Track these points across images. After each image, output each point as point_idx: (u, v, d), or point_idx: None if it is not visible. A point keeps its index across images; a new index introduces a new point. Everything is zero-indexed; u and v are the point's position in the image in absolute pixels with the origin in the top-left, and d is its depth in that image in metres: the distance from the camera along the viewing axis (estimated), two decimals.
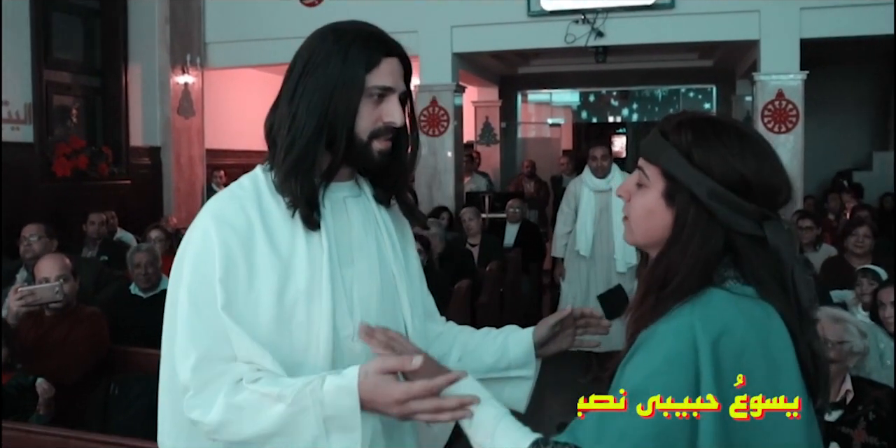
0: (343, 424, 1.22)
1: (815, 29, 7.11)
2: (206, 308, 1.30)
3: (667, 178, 1.16)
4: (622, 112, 16.84)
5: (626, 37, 7.64)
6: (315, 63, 1.34)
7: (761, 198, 1.13)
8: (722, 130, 1.15)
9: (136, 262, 4.26)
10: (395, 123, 1.37)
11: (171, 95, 8.28)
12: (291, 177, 1.33)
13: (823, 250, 5.61)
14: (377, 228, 1.47)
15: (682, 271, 1.13)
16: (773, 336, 1.10)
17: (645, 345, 1.11)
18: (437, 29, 7.79)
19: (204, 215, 1.38)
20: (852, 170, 9.98)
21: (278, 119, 1.38)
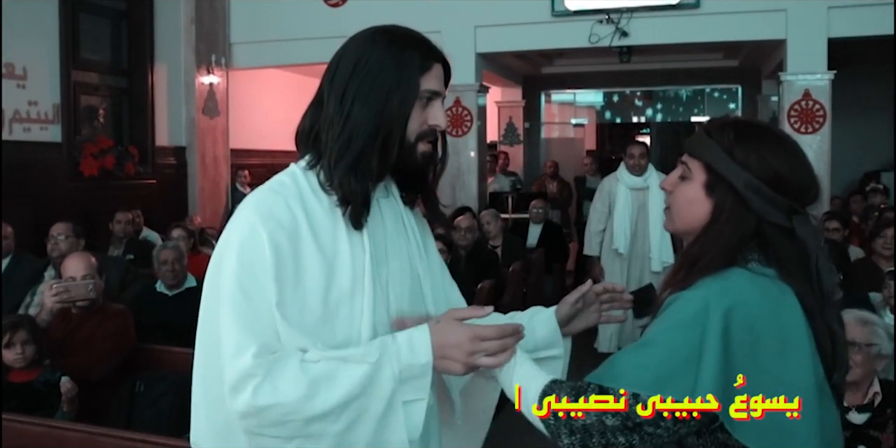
0: (415, 373, 1.29)
1: (842, 28, 7.02)
2: (259, 301, 1.29)
3: (709, 171, 1.31)
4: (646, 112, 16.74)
5: (651, 37, 7.59)
6: (367, 65, 1.37)
7: (792, 193, 1.27)
8: (761, 132, 1.32)
9: (163, 259, 4.30)
10: (440, 126, 1.43)
11: (197, 95, 8.36)
12: (351, 176, 1.35)
13: (851, 252, 5.55)
14: (405, 229, 1.50)
15: (713, 251, 1.27)
16: (786, 310, 1.22)
17: (667, 308, 1.26)
18: (460, 29, 7.79)
19: (247, 209, 1.36)
20: (880, 171, 9.85)
21: (325, 119, 1.39)
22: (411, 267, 1.48)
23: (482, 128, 8.30)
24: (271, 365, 1.25)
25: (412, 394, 1.29)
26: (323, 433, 1.26)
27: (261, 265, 1.29)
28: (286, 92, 10.12)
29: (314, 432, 1.26)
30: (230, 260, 1.32)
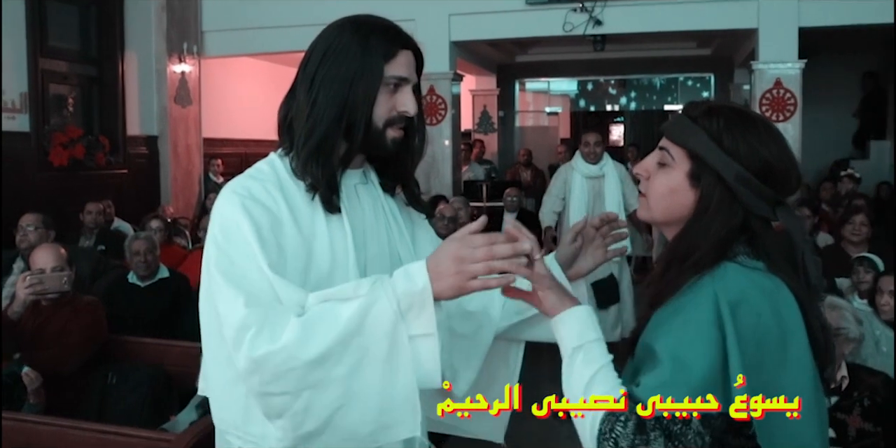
0: (415, 301, 1.23)
1: (813, 17, 7.09)
2: (246, 264, 1.29)
3: (693, 159, 1.23)
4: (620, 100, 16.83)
5: (624, 25, 7.61)
6: (334, 53, 1.39)
7: (777, 184, 1.22)
8: (749, 119, 1.23)
9: (135, 250, 4.26)
10: (408, 112, 1.43)
11: (168, 84, 8.26)
12: (312, 161, 1.38)
13: (820, 239, 5.63)
14: (385, 215, 1.51)
15: (704, 247, 1.21)
16: (783, 306, 1.17)
17: (675, 317, 1.18)
18: (434, 17, 7.77)
19: (227, 192, 1.38)
20: (849, 159, 9.97)
21: (296, 107, 1.42)
22: (391, 251, 1.49)
23: (456, 116, 8.29)
24: (266, 314, 1.24)
25: (418, 328, 1.24)
26: (327, 379, 1.22)
27: (241, 234, 1.31)
28: (260, 80, 10.04)
29: (318, 380, 1.22)
30: (213, 233, 1.35)
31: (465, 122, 10.65)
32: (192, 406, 3.35)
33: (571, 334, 1.24)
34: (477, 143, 10.76)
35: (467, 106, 11.03)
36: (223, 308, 1.28)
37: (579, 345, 1.22)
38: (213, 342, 1.39)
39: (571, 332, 1.24)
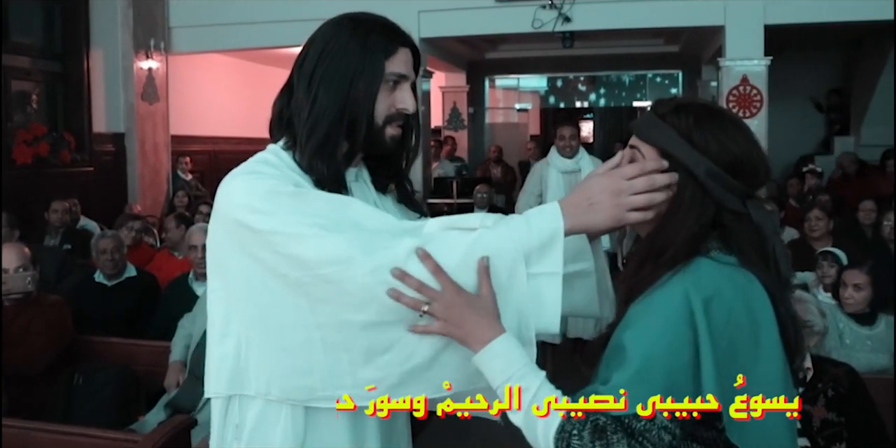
0: (545, 239, 1.24)
1: (778, 15, 7.18)
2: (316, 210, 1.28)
3: (664, 156, 1.24)
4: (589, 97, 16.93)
5: (593, 22, 7.66)
6: (334, 50, 1.38)
7: (746, 178, 1.23)
8: (716, 115, 1.25)
9: (102, 249, 4.21)
10: (407, 110, 1.43)
11: (135, 81, 8.15)
12: (317, 158, 1.37)
13: (786, 233, 5.71)
14: None
15: (678, 243, 1.21)
16: (755, 299, 1.18)
17: (644, 313, 1.18)
18: (403, 14, 7.71)
19: (242, 175, 1.36)
20: (814, 154, 10.12)
21: (294, 103, 1.41)
22: None
23: (426, 113, 8.29)
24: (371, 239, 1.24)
25: (543, 266, 1.24)
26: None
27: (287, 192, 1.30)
28: (230, 77, 9.96)
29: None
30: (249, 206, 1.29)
31: (435, 118, 10.66)
32: (161, 406, 3.32)
33: (494, 373, 1.20)
34: (449, 140, 10.77)
35: (437, 103, 11.04)
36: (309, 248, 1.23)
37: (506, 379, 1.19)
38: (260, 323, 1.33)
39: (494, 371, 1.20)
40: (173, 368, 3.42)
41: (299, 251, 1.24)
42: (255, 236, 1.29)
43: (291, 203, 1.28)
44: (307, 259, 1.24)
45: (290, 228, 1.25)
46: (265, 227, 1.27)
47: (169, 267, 4.87)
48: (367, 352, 1.27)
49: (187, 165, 8.77)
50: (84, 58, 7.78)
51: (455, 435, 3.67)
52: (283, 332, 1.30)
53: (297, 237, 1.25)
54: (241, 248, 1.32)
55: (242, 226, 1.30)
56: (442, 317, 1.21)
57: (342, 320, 1.26)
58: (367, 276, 1.21)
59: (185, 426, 2.54)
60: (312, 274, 1.24)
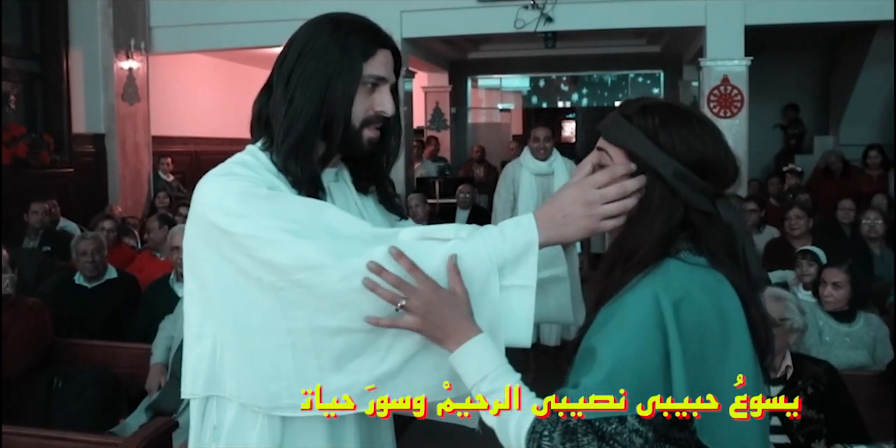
0: (519, 252, 1.25)
1: (759, 16, 7.23)
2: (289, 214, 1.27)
3: (632, 158, 1.23)
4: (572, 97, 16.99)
5: (575, 22, 7.68)
6: (312, 50, 1.37)
7: (715, 177, 1.22)
8: (683, 115, 1.24)
9: (82, 250, 4.17)
10: (385, 112, 1.42)
11: (115, 81, 8.09)
12: (291, 158, 1.37)
13: (767, 232, 5.75)
14: (358, 214, 1.50)
15: (647, 245, 1.20)
16: (725, 301, 1.18)
17: (614, 317, 1.17)
18: (386, 13, 7.73)
19: (217, 177, 1.36)
20: (794, 153, 10.19)
21: (272, 104, 1.40)
22: None
23: (408, 113, 8.29)
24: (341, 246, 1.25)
25: (515, 279, 1.25)
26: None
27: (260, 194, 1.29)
28: (211, 78, 9.90)
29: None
30: (223, 208, 1.29)
31: (418, 119, 10.65)
32: (142, 409, 3.30)
33: (470, 372, 1.21)
34: (431, 140, 10.76)
35: (419, 103, 11.02)
36: (283, 254, 1.23)
37: (481, 378, 1.20)
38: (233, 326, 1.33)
39: (469, 370, 1.21)
40: (154, 371, 3.40)
41: (272, 256, 1.24)
42: (228, 239, 1.28)
43: (265, 206, 1.28)
44: (280, 264, 1.24)
45: (263, 233, 1.25)
46: (238, 230, 1.27)
47: (151, 268, 4.84)
48: (338, 357, 1.27)
49: (168, 166, 8.72)
50: (63, 58, 7.72)
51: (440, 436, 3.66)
52: (255, 336, 1.30)
53: (271, 242, 1.24)
54: (215, 249, 1.31)
55: (216, 228, 1.29)
56: (419, 313, 1.21)
57: (314, 325, 1.26)
58: (340, 282, 1.22)
59: (166, 429, 2.52)
60: (285, 279, 1.24)
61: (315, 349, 1.27)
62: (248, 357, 1.31)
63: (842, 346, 3.38)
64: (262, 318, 1.29)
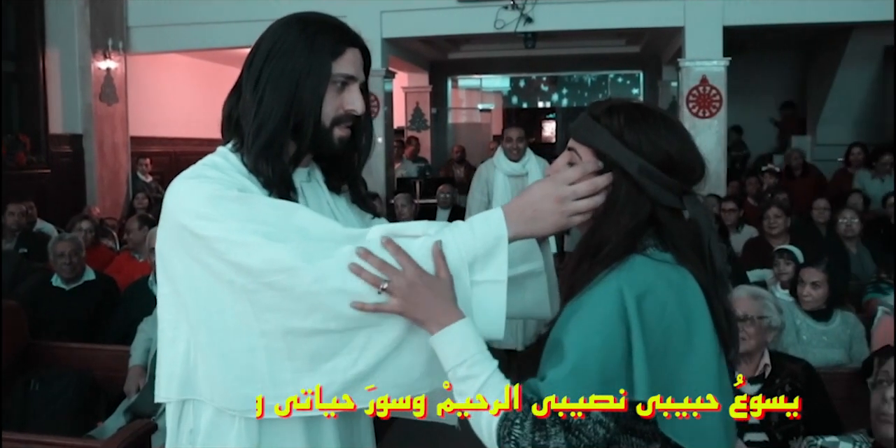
0: (490, 247, 1.26)
1: (737, 16, 7.30)
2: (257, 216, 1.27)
3: (599, 157, 1.26)
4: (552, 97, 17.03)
5: (555, 23, 7.71)
6: (281, 50, 1.37)
7: (681, 174, 1.25)
8: (648, 115, 1.27)
9: (59, 252, 4.13)
10: (356, 111, 1.41)
11: (93, 81, 8.04)
12: (262, 159, 1.36)
13: (745, 231, 5.80)
14: (331, 214, 1.50)
15: (614, 240, 1.23)
16: (689, 296, 1.21)
17: (579, 311, 1.20)
18: (366, 14, 7.72)
19: (188, 179, 1.35)
20: (772, 154, 10.29)
21: (242, 104, 1.40)
22: None
23: (389, 113, 8.28)
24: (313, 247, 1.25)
25: (486, 273, 1.27)
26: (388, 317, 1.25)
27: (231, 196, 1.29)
28: (189, 78, 9.84)
29: (380, 316, 1.24)
30: (195, 212, 1.29)
31: (398, 119, 10.64)
32: (121, 411, 3.27)
33: (449, 355, 1.23)
34: (412, 140, 10.76)
35: (400, 103, 11.02)
36: (253, 256, 1.23)
37: (459, 362, 1.22)
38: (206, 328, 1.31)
39: (449, 353, 1.23)
40: (133, 373, 3.37)
41: (244, 259, 1.24)
42: (199, 242, 1.28)
43: (235, 208, 1.28)
44: (252, 267, 1.24)
45: (234, 236, 1.25)
46: (209, 233, 1.26)
47: (130, 270, 4.81)
48: (312, 359, 1.27)
49: (147, 167, 8.66)
50: (40, 58, 7.66)
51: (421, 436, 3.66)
52: (227, 338, 1.30)
53: (242, 245, 1.24)
54: (186, 252, 1.31)
55: (187, 231, 1.29)
56: (401, 295, 1.23)
57: (287, 328, 1.26)
58: (312, 284, 1.22)
59: (145, 431, 2.50)
60: (257, 282, 1.24)
61: (289, 351, 1.27)
62: (222, 360, 1.31)
63: (819, 344, 3.41)
64: (234, 320, 1.28)
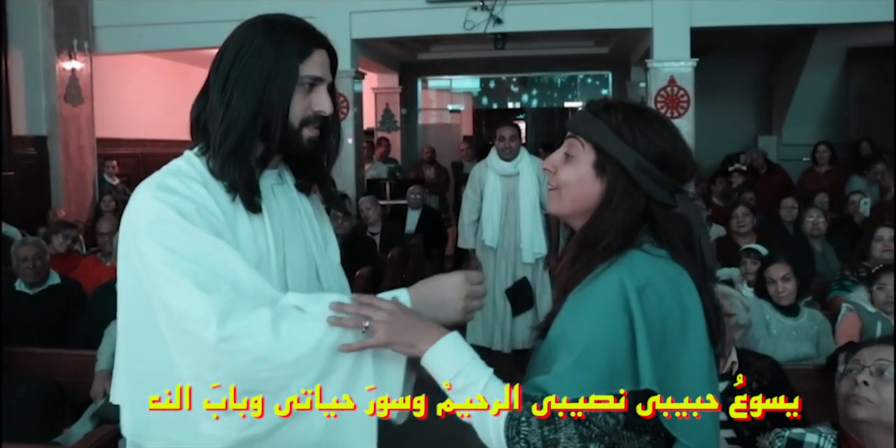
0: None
1: (704, 18, 7.37)
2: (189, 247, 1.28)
3: (597, 151, 1.32)
4: (522, 98, 17.07)
5: (524, 24, 7.73)
6: (247, 53, 1.38)
7: (673, 172, 1.31)
8: (644, 113, 1.35)
9: (22, 256, 4.06)
10: (324, 112, 1.43)
11: (58, 82, 7.92)
12: (229, 162, 1.37)
13: (713, 230, 5.85)
14: (301, 216, 1.52)
15: (611, 233, 1.28)
16: (684, 290, 1.25)
17: (582, 303, 1.24)
18: (335, 15, 7.68)
19: (147, 190, 1.35)
20: (739, 153, 10.40)
21: (209, 107, 1.40)
22: (307, 253, 1.51)
23: (359, 114, 8.25)
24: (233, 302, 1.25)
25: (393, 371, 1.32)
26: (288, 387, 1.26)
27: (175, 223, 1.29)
28: (157, 78, 9.74)
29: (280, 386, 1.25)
30: (140, 227, 1.30)
31: (368, 120, 10.61)
32: (87, 417, 3.23)
33: (443, 369, 1.25)
34: (382, 141, 10.74)
35: (370, 104, 10.99)
36: (176, 299, 1.25)
37: (454, 374, 1.24)
38: (138, 343, 1.35)
39: (443, 367, 1.25)
40: (99, 377, 3.33)
41: (169, 298, 1.26)
42: (141, 261, 1.30)
43: (176, 237, 1.28)
44: (173, 308, 1.26)
45: (167, 270, 1.26)
46: (150, 259, 1.28)
47: (97, 273, 4.74)
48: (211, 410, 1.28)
49: (114, 169, 8.54)
50: (2, 58, 7.55)
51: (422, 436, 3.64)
52: (147, 355, 1.33)
53: (171, 284, 1.26)
54: (131, 262, 1.34)
55: (135, 245, 1.31)
56: (384, 327, 1.25)
57: (195, 374, 1.28)
58: (219, 343, 1.23)
59: (111, 437, 2.47)
60: (175, 323, 1.27)
61: (195, 394, 1.29)
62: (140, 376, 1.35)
63: (788, 338, 3.46)
64: (156, 345, 1.31)
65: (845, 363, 2.05)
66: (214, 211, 1.34)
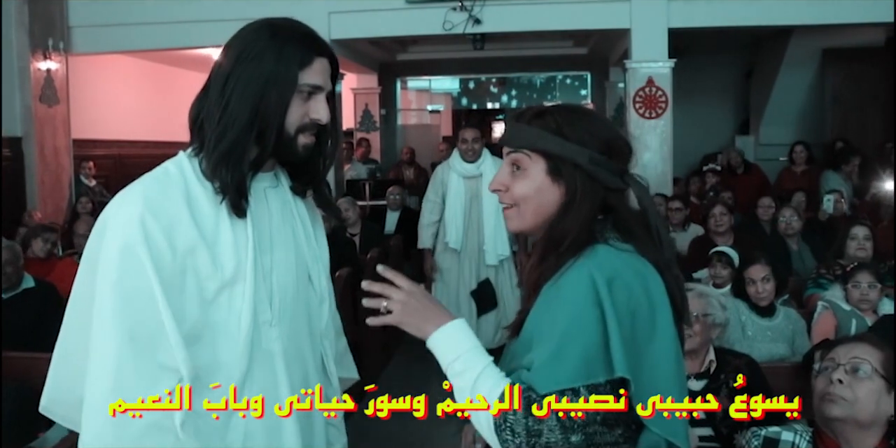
0: None
1: (681, 19, 7.41)
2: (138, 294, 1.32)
3: (546, 158, 1.33)
4: (501, 98, 17.11)
5: (503, 24, 7.74)
6: (249, 56, 1.39)
7: (616, 156, 1.36)
8: (575, 109, 1.39)
9: None
10: (321, 120, 1.45)
11: (33, 82, 7.83)
12: (222, 165, 1.37)
13: (691, 230, 5.90)
14: (293, 219, 1.53)
15: (575, 230, 1.31)
16: (650, 282, 1.28)
17: (554, 297, 1.27)
18: (314, 15, 7.64)
19: (127, 199, 1.38)
20: (717, 153, 10.48)
21: (207, 107, 1.41)
22: (298, 256, 1.52)
23: (338, 115, 8.23)
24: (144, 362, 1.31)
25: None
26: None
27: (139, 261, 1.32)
28: (134, 79, 9.66)
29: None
30: (110, 248, 1.34)
31: (347, 120, 10.60)
32: None
33: (446, 352, 1.30)
34: (363, 142, 10.72)
35: (349, 104, 10.97)
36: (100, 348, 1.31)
37: (455, 357, 1.29)
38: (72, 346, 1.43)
39: (445, 350, 1.30)
40: None
41: (95, 332, 1.32)
42: (97, 272, 1.36)
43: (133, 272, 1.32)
44: (91, 346, 1.33)
45: (107, 307, 1.32)
46: (100, 283, 1.34)
47: (73, 275, 4.66)
48: None
49: (91, 170, 8.46)
50: None
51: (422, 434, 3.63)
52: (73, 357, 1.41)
53: (100, 320, 1.32)
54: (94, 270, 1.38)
55: (96, 255, 1.36)
56: (398, 307, 1.33)
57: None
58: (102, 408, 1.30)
59: None
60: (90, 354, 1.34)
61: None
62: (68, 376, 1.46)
63: (763, 339, 3.49)
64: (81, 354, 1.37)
65: (821, 361, 2.06)
66: (186, 230, 1.35)
